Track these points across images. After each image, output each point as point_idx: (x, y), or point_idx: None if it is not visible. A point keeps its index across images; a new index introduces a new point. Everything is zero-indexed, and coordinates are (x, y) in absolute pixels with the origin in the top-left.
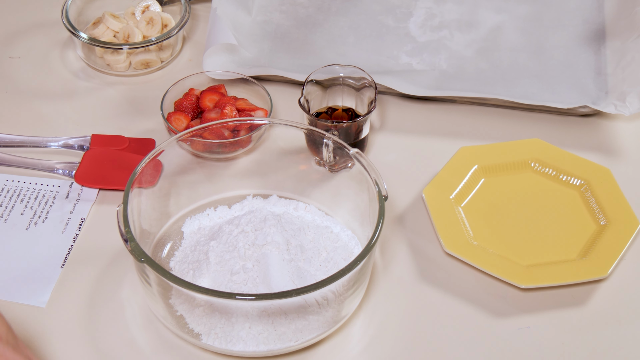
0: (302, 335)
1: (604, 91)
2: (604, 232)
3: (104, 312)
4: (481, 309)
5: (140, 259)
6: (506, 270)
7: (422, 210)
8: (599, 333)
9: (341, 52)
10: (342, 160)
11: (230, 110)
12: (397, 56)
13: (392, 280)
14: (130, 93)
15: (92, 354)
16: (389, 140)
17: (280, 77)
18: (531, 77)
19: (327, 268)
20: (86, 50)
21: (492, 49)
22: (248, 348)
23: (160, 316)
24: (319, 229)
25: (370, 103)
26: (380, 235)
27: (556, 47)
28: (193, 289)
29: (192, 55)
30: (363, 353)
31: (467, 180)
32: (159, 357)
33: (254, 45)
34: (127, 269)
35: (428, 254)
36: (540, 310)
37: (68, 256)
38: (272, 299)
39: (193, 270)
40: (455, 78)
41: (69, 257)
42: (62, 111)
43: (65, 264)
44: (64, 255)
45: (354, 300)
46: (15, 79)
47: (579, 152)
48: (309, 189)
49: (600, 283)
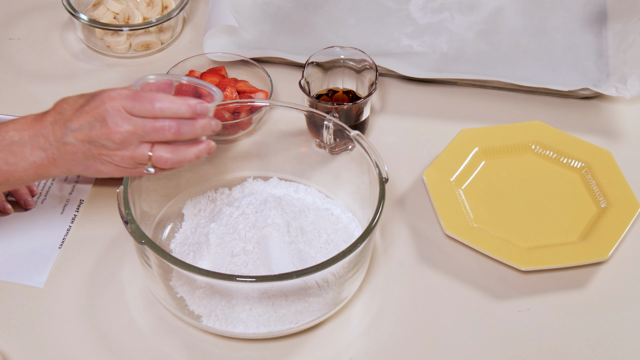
0: (302, 317)
1: (605, 73)
2: (605, 215)
3: (104, 294)
4: (481, 292)
5: (140, 240)
6: (506, 252)
7: (423, 192)
8: (599, 315)
9: (342, 34)
10: (342, 143)
11: (230, 92)
12: (398, 38)
13: (393, 263)
14: (130, 75)
15: (92, 335)
16: (389, 123)
17: (280, 59)
18: (532, 59)
19: (328, 250)
20: (86, 31)
21: (493, 31)
22: (248, 330)
23: (160, 298)
24: (319, 211)
25: (370, 85)
26: (380, 218)
27: (557, 29)
28: (193, 271)
29: (192, 37)
30: (363, 335)
31: (467, 163)
32: (160, 339)
33: (254, 27)
34: (127, 251)
35: (428, 236)
36: (540, 292)
37: (66, 237)
38: (272, 281)
39: (193, 252)
40: (456, 60)
41: (67, 238)
42: (62, 93)
43: (64, 245)
44: (62, 236)
45: (355, 283)
46: (15, 60)
47: (580, 134)
48: (310, 171)
49: (601, 265)
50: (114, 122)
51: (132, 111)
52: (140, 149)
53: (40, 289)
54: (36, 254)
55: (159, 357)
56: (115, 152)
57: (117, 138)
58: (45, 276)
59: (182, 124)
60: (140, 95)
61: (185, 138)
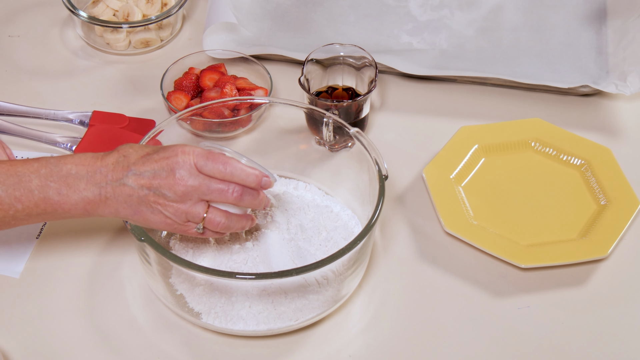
0: (302, 314)
1: (605, 71)
2: (604, 212)
3: (104, 291)
4: (481, 289)
5: (140, 238)
6: (506, 249)
7: (423, 189)
8: (599, 313)
9: (341, 31)
10: (342, 140)
11: (230, 89)
12: (398, 35)
13: (392, 260)
14: (130, 72)
15: (92, 332)
16: (389, 120)
17: (280, 56)
18: (532, 56)
19: (327, 247)
20: (86, 29)
21: (493, 28)
22: (248, 327)
23: (160, 295)
24: (319, 208)
25: (370, 82)
26: (380, 215)
27: (557, 27)
28: (193, 268)
29: (192, 34)
30: (363, 332)
31: (467, 160)
32: (159, 336)
33: (254, 24)
34: (127, 248)
35: (428, 233)
36: (540, 289)
37: (43, 228)
38: (272, 278)
39: (193, 250)
40: (456, 57)
41: (44, 229)
42: (61, 90)
43: (41, 236)
44: (39, 226)
45: (354, 280)
46: (14, 57)
47: (580, 131)
48: (309, 168)
49: (600, 263)
50: (181, 174)
51: (202, 169)
52: (197, 207)
53: (16, 279)
54: (12, 245)
55: (158, 354)
56: (172, 203)
57: (180, 190)
58: (22, 267)
59: (245, 191)
60: (215, 156)
61: (243, 205)
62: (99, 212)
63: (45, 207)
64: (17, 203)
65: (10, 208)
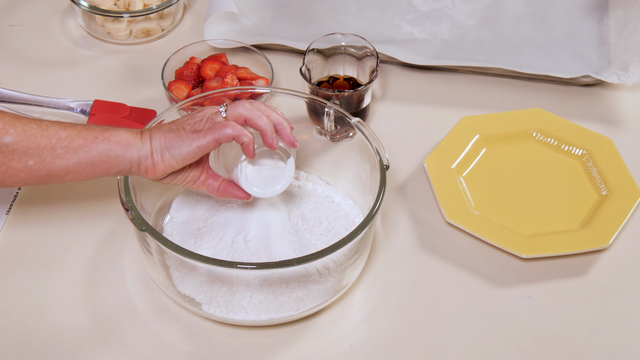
0: (303, 304)
1: (607, 61)
2: (605, 202)
3: (105, 281)
4: (482, 279)
5: (141, 227)
6: (507, 239)
7: (424, 179)
8: (600, 303)
9: (343, 21)
10: (343, 130)
11: (231, 79)
12: (399, 25)
13: (393, 250)
14: (131, 62)
15: (93, 321)
16: (390, 110)
17: (281, 46)
18: (533, 46)
19: (328, 237)
20: (87, 18)
21: (495, 18)
22: (249, 317)
23: (161, 285)
24: (320, 198)
25: (371, 72)
26: (381, 205)
27: (559, 17)
28: (194, 258)
29: (193, 23)
30: (364, 322)
31: (468, 150)
32: (160, 326)
33: (255, 14)
34: (128, 238)
35: (429, 223)
36: (541, 279)
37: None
38: (273, 267)
39: (194, 239)
40: (457, 47)
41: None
42: (62, 80)
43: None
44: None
45: (355, 270)
46: (15, 47)
47: (581, 122)
48: (310, 158)
49: (601, 253)
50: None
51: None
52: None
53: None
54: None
55: (159, 343)
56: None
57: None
58: None
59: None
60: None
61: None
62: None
63: (87, 135)
64: (62, 130)
65: (55, 135)
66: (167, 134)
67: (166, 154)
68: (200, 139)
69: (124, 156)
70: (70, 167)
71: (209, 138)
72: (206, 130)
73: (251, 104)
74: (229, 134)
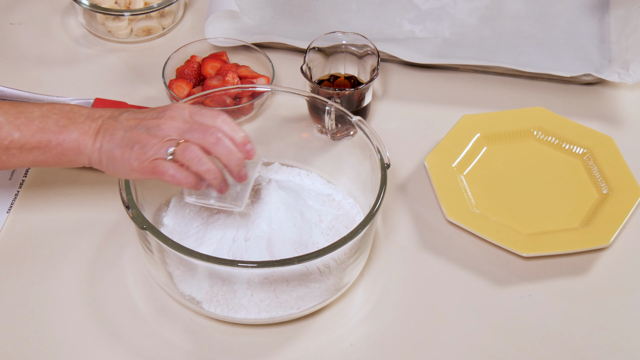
0: (303, 302)
1: (608, 59)
2: (606, 201)
3: (106, 279)
4: (483, 277)
5: (142, 226)
6: (508, 238)
7: (424, 178)
8: (600, 301)
9: (343, 19)
10: (344, 128)
11: (232, 78)
12: (400, 24)
13: (394, 248)
14: (131, 60)
15: (94, 320)
16: (391, 108)
17: (282, 45)
18: (534, 45)
19: (329, 236)
20: (87, 16)
21: (495, 17)
22: (250, 315)
23: (162, 283)
24: (321, 196)
25: (372, 71)
26: (382, 203)
27: (560, 15)
28: (195, 256)
29: (193, 22)
30: (365, 321)
31: (469, 149)
32: (161, 324)
33: (256, 12)
34: (129, 236)
35: (430, 222)
36: (542, 278)
37: (14, 201)
38: (273, 266)
39: (194, 237)
40: (458, 46)
41: (15, 202)
42: (63, 78)
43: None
44: (9, 200)
45: (356, 268)
46: (16, 45)
47: (582, 120)
48: (311, 156)
49: (602, 252)
50: (171, 113)
51: (193, 116)
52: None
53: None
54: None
55: (160, 342)
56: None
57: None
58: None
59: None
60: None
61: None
62: (88, 150)
63: (40, 138)
64: (15, 131)
65: (7, 137)
66: (115, 149)
67: (110, 167)
68: (137, 173)
69: (76, 161)
70: (27, 163)
71: (147, 174)
72: (149, 162)
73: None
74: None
